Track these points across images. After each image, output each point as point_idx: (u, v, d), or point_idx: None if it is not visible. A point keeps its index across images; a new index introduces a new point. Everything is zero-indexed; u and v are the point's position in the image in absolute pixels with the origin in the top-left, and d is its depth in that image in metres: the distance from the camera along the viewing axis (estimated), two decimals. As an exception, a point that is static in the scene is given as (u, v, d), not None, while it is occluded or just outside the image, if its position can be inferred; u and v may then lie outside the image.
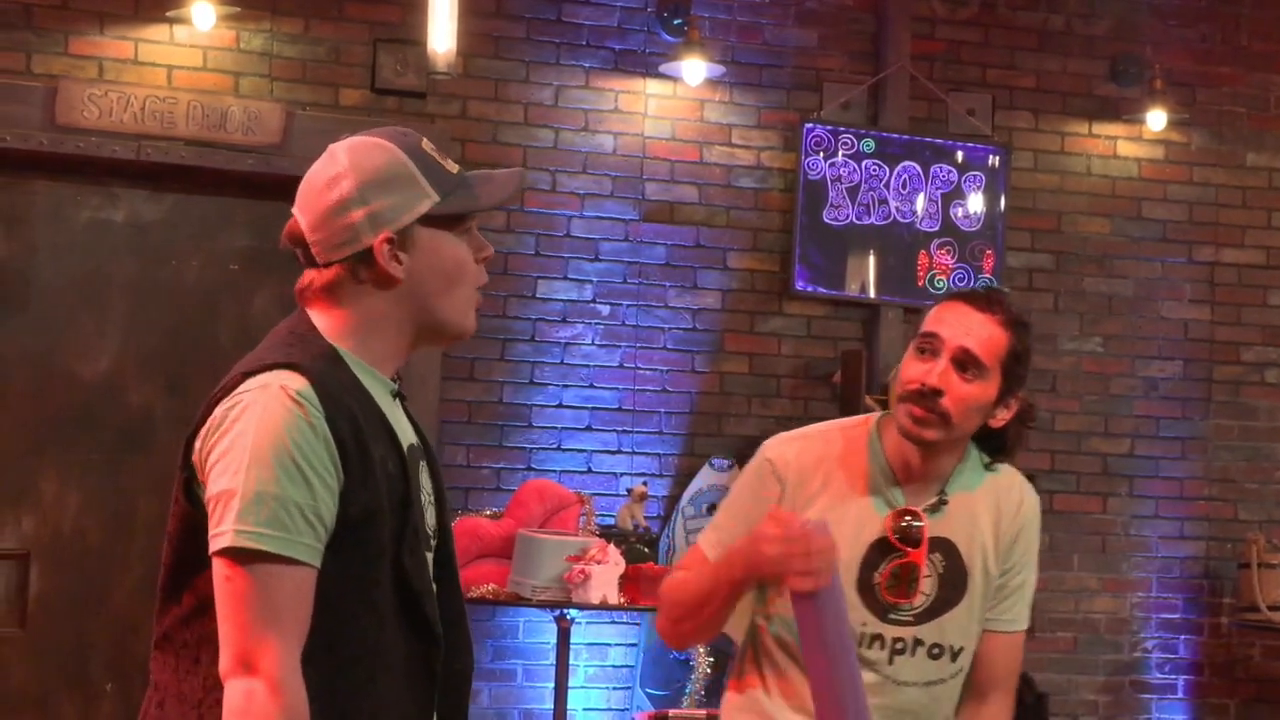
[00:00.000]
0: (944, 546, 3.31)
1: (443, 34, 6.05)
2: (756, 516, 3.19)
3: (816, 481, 3.30)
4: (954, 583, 3.32)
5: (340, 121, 6.65)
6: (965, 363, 3.21)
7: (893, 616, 3.28)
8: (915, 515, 3.29)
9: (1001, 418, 3.30)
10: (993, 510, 3.36)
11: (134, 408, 6.67)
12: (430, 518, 2.60)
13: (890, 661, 3.30)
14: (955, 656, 3.34)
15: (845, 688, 3.05)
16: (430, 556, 2.58)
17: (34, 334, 6.59)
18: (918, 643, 3.30)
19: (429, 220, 2.55)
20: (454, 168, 2.60)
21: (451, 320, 2.59)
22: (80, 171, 6.59)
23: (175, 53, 6.62)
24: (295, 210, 2.58)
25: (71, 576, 6.58)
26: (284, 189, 6.86)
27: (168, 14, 6.55)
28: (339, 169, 2.54)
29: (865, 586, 3.27)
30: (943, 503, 3.32)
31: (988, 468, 3.38)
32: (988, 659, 3.40)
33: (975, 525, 3.34)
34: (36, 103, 6.41)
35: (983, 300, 3.28)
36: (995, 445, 3.37)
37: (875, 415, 3.39)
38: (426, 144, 2.60)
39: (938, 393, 3.19)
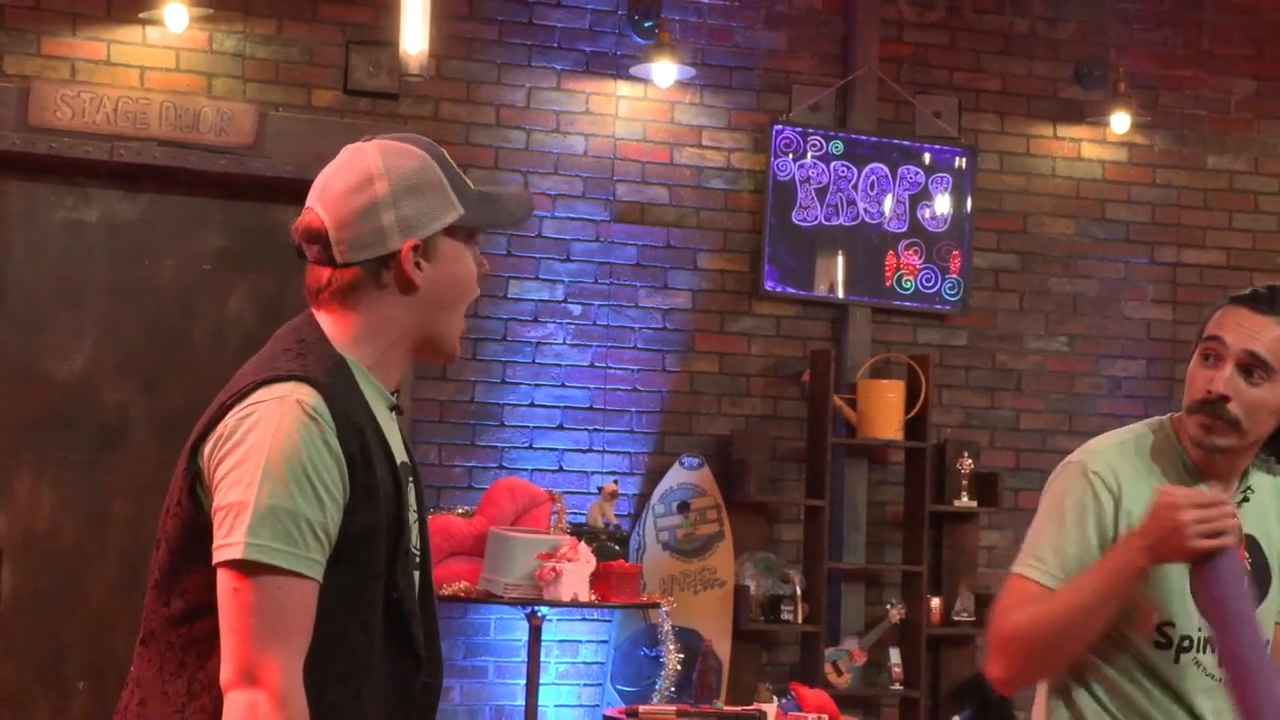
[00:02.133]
0: (1252, 545, 3.25)
1: (415, 36, 6.02)
2: (1094, 532, 3.14)
3: (1138, 486, 3.19)
4: (1261, 578, 3.25)
5: (313, 123, 6.66)
6: (1251, 366, 3.12)
7: None
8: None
9: None
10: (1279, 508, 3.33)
11: (109, 407, 6.67)
12: (414, 536, 2.56)
13: (1221, 664, 3.20)
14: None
15: (1256, 653, 3.03)
16: (416, 575, 2.56)
17: (9, 333, 6.58)
18: None
19: (450, 231, 2.53)
20: (470, 182, 2.58)
21: (450, 336, 2.57)
22: (54, 172, 6.59)
23: (148, 54, 6.62)
24: (315, 206, 2.51)
25: (45, 575, 6.57)
26: (257, 189, 6.91)
27: (140, 15, 6.57)
28: (372, 170, 2.50)
29: (1194, 589, 3.18)
30: (1246, 499, 3.25)
31: (1268, 468, 3.32)
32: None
33: (1268, 521, 3.29)
34: (9, 103, 6.40)
35: (1265, 302, 3.16)
36: None
37: (1167, 416, 3.28)
38: (447, 155, 2.57)
39: (1224, 399, 3.12)
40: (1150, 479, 3.18)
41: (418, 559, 2.56)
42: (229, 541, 2.33)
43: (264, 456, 2.34)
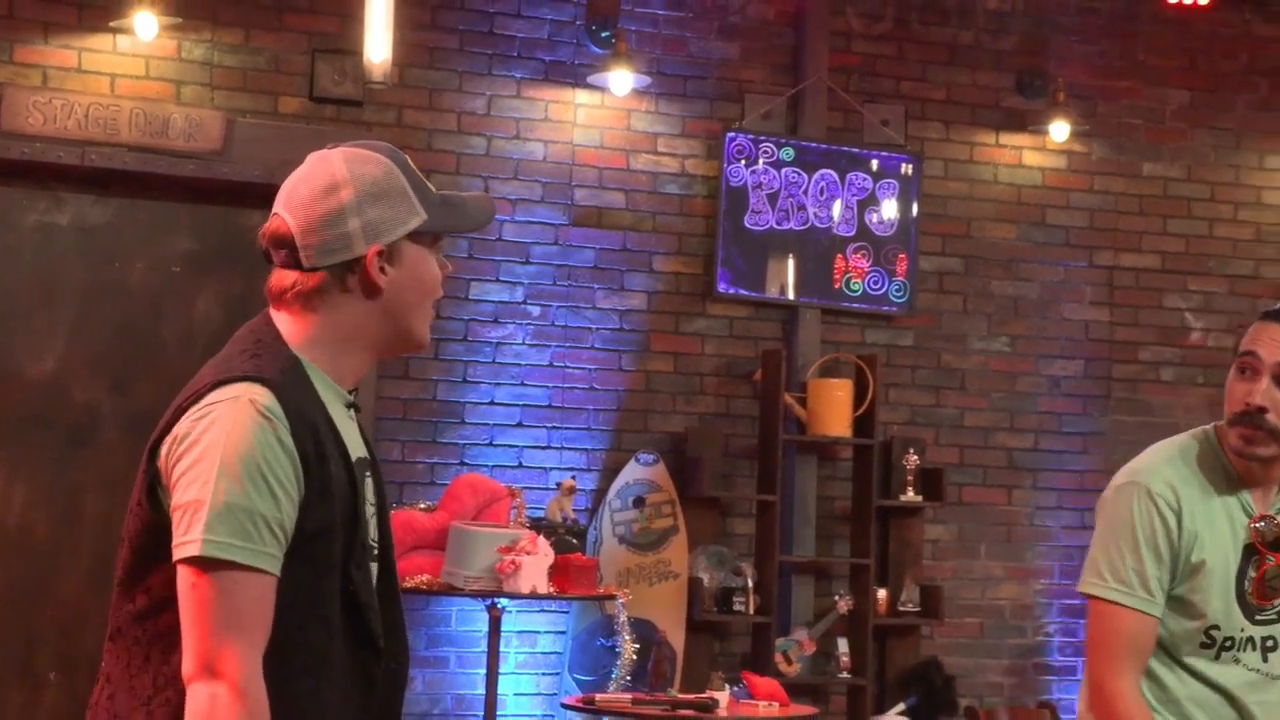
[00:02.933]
0: None
1: (379, 45, 6.04)
2: (1167, 551, 3.25)
3: (1194, 500, 3.29)
4: None
5: (279, 129, 6.65)
6: None
7: (1259, 617, 3.32)
8: (1271, 519, 3.31)
9: None
10: None
11: (80, 406, 6.65)
12: (373, 530, 2.57)
13: (1265, 659, 3.34)
14: None
15: None
16: (374, 567, 2.56)
17: (-18, 334, 6.55)
18: None
19: (413, 235, 2.54)
20: (433, 187, 2.59)
21: (417, 331, 2.59)
22: (26, 176, 6.56)
23: (118, 61, 6.60)
24: (282, 212, 2.52)
25: (18, 569, 6.54)
26: (225, 194, 6.88)
27: (111, 24, 6.54)
28: (338, 177, 2.51)
29: (1240, 593, 3.30)
30: None
31: None
32: None
33: None
34: (-17, 110, 6.35)
35: None
36: None
37: (1211, 426, 3.36)
38: (410, 161, 2.58)
39: (1262, 410, 3.22)
40: (1201, 490, 3.30)
41: (375, 552, 2.57)
42: (187, 539, 2.33)
43: (219, 455, 2.35)
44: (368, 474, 2.57)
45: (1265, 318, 3.28)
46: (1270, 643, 3.32)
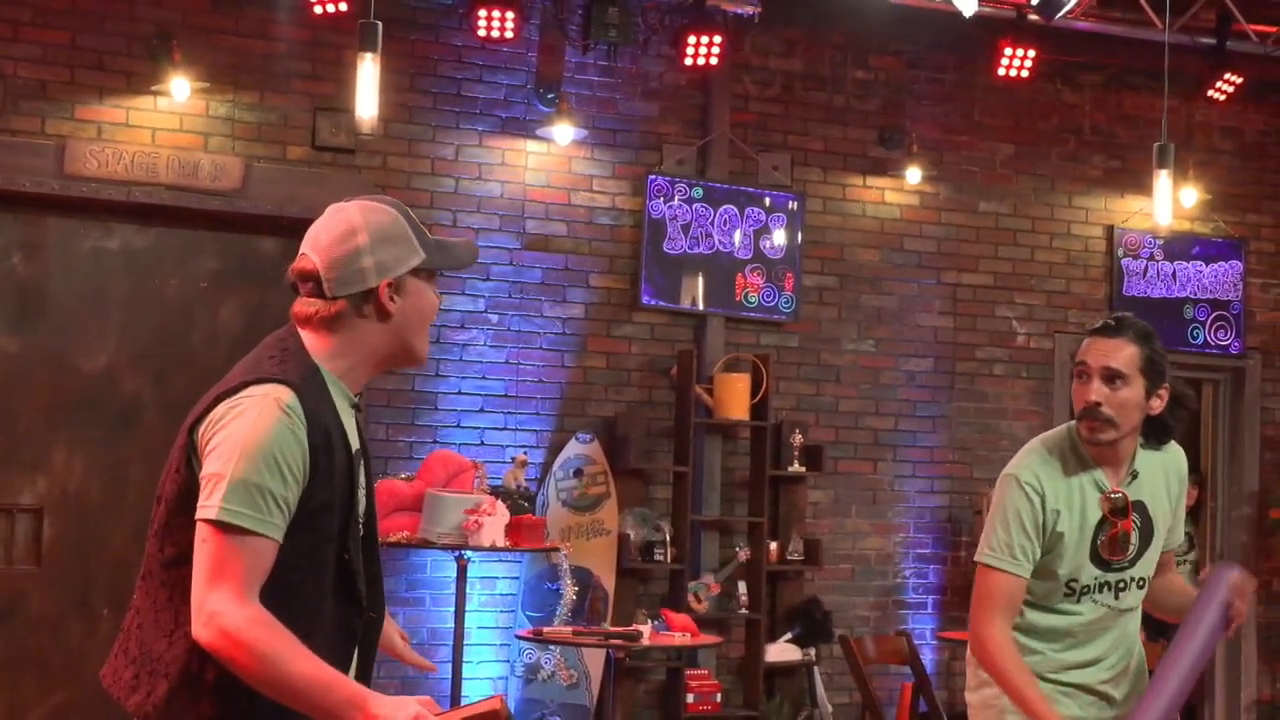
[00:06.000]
0: (1140, 508, 3.47)
1: (368, 104, 6.03)
2: (1032, 527, 3.36)
3: (1056, 485, 3.40)
4: (1148, 533, 3.49)
5: (287, 172, 6.62)
6: (1111, 376, 3.35)
7: (1114, 567, 3.45)
8: (1119, 494, 3.42)
9: (1156, 406, 3.41)
10: (1165, 476, 3.53)
11: (126, 394, 6.68)
12: (362, 507, 2.60)
13: (1118, 598, 3.48)
14: (1147, 584, 3.55)
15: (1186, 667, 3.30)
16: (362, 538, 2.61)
17: (48, 337, 6.61)
18: (1131, 579, 3.49)
19: (414, 271, 2.55)
20: (429, 233, 2.62)
21: (419, 349, 2.60)
22: (84, 210, 6.61)
23: (158, 117, 6.63)
24: (309, 253, 2.53)
25: (77, 526, 6.62)
26: (243, 224, 6.98)
27: (152, 87, 6.60)
28: (354, 224, 2.52)
29: (1094, 552, 3.42)
30: (1134, 476, 3.46)
31: (1160, 446, 3.51)
32: (1164, 560, 3.62)
33: (1157, 489, 3.51)
34: (49, 156, 6.44)
35: (1112, 329, 3.39)
36: (1160, 428, 3.47)
37: (1070, 424, 3.47)
38: (411, 212, 2.61)
39: (1097, 405, 3.34)
40: (1063, 475, 3.41)
41: (362, 524, 2.59)
42: (208, 504, 2.37)
43: (243, 440, 2.37)
44: (362, 461, 2.59)
45: (1091, 334, 3.42)
46: (1121, 584, 3.47)
